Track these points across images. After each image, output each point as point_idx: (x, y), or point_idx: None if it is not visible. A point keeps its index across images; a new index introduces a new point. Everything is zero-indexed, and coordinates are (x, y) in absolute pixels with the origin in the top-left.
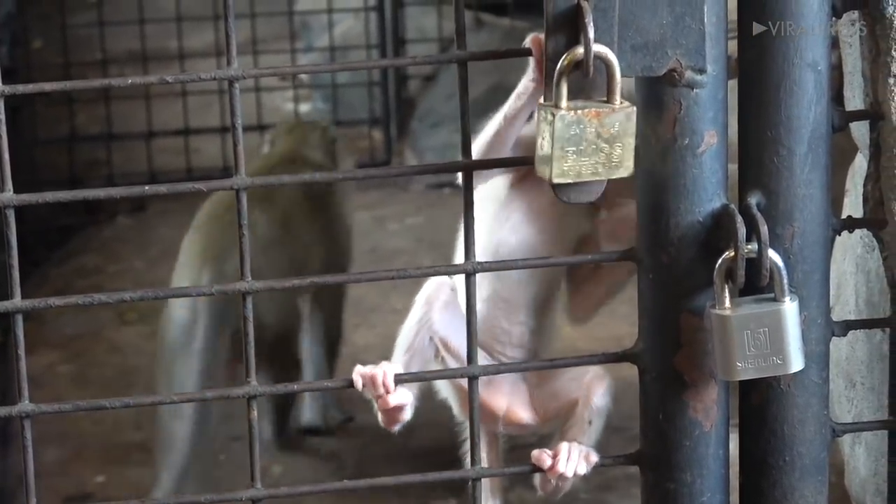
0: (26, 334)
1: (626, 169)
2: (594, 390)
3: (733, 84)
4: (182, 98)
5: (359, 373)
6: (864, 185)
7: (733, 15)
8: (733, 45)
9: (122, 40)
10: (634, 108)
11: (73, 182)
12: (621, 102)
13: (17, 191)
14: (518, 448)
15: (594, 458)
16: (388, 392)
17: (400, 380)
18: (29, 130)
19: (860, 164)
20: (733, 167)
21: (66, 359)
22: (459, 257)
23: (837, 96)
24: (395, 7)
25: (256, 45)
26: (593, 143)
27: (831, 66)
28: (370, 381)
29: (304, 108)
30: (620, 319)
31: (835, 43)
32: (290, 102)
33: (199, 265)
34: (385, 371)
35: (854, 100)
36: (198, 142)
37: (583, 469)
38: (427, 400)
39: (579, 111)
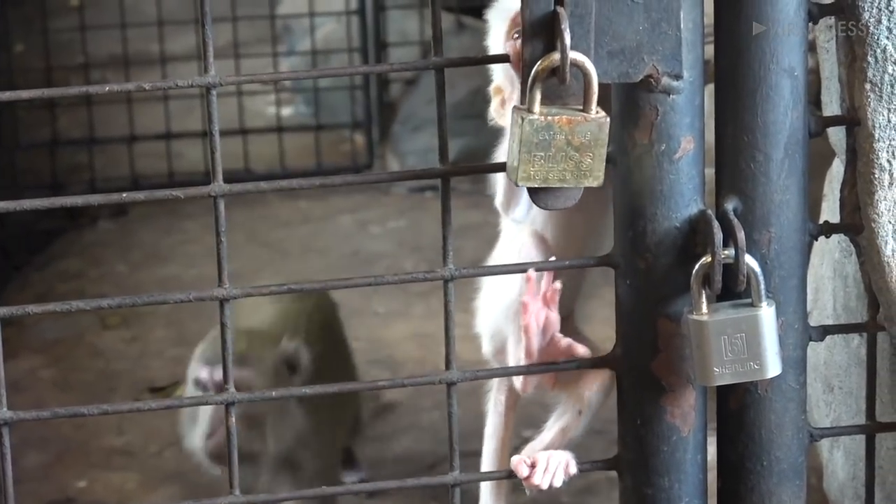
0: (7, 339)
1: (595, 178)
2: (589, 383)
3: (710, 89)
4: (164, 102)
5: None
6: (841, 191)
7: (710, 19)
8: (710, 50)
9: (104, 44)
10: (608, 119)
11: (55, 186)
12: (597, 111)
13: None
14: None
15: (572, 468)
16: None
17: None
18: (10, 135)
19: (837, 169)
20: (710, 172)
21: (47, 363)
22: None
23: (815, 101)
24: (376, 11)
25: (238, 49)
26: (562, 149)
27: (808, 71)
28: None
29: (287, 111)
30: (602, 323)
31: (812, 48)
32: (273, 106)
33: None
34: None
35: (831, 105)
36: (180, 146)
37: (559, 481)
38: (411, 405)
39: (550, 117)
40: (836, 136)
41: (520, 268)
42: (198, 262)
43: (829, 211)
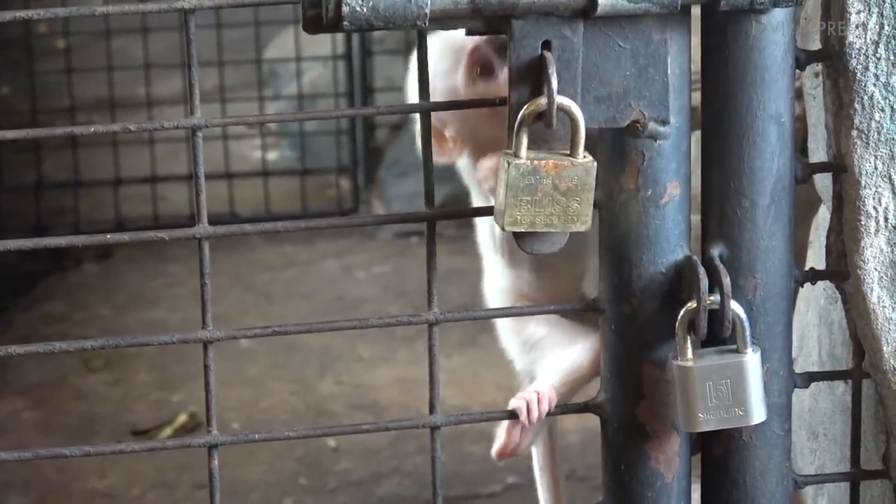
0: None
1: (582, 223)
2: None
3: (697, 136)
4: (150, 146)
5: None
6: (827, 237)
7: (697, 66)
8: (697, 97)
9: (90, 87)
10: (595, 164)
11: (40, 229)
12: (584, 156)
13: None
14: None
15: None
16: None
17: None
18: None
19: (823, 215)
20: (696, 218)
21: (30, 405)
22: None
23: (801, 148)
24: (363, 56)
25: (224, 93)
26: (549, 194)
27: (795, 117)
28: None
29: (272, 156)
30: None
31: (799, 94)
32: (258, 150)
33: None
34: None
35: (818, 151)
36: (165, 189)
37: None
38: (396, 448)
39: (537, 161)
40: (823, 182)
41: (506, 312)
42: (183, 306)
43: (815, 257)
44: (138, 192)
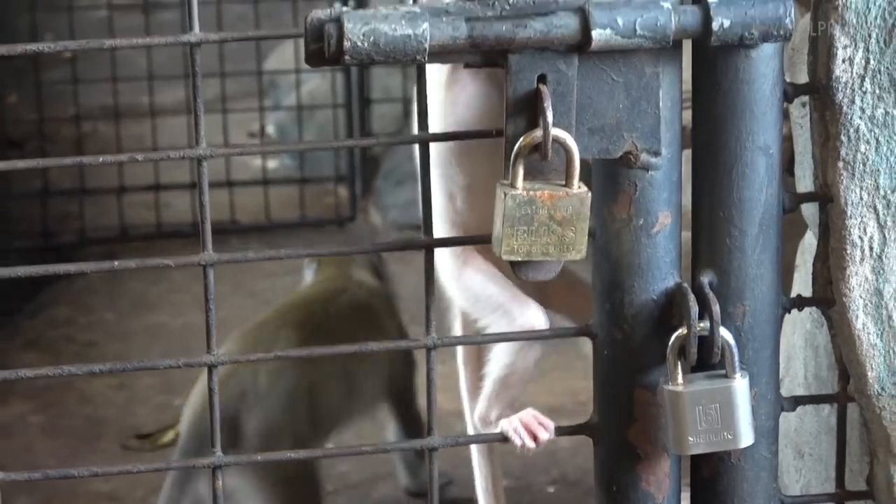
0: None
1: (578, 252)
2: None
3: (687, 154)
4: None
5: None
6: (814, 265)
7: (688, 85)
8: (687, 115)
9: (95, 96)
10: (589, 194)
11: (46, 235)
12: (578, 186)
13: None
14: None
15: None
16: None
17: None
18: (2, 184)
19: (810, 241)
20: (686, 235)
21: (36, 409)
22: None
23: (789, 167)
24: (360, 67)
25: (226, 103)
26: (545, 223)
27: (783, 145)
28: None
29: (272, 164)
30: (577, 373)
31: (785, 114)
32: (258, 159)
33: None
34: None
35: (804, 179)
36: (168, 197)
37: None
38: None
39: (533, 192)
40: (809, 209)
41: (501, 337)
42: (185, 311)
43: (802, 281)
44: (142, 200)
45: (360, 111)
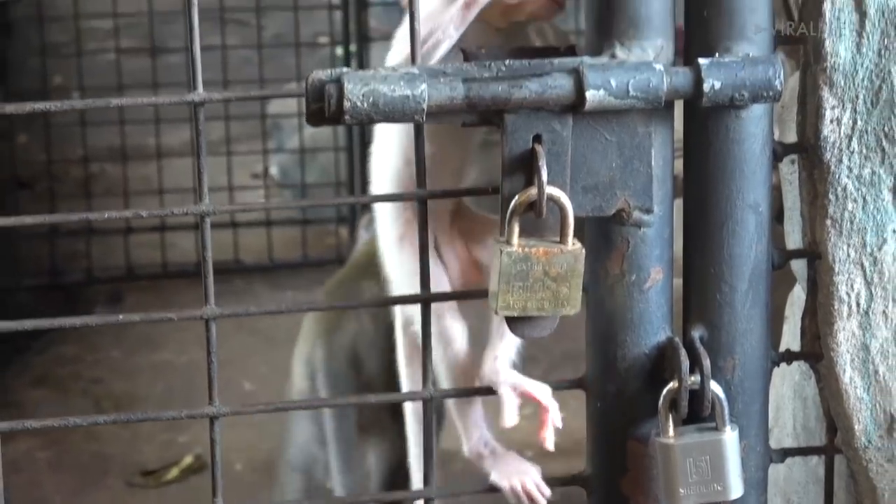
0: (6, 420)
1: (572, 307)
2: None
3: (678, 203)
4: (159, 196)
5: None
6: (802, 319)
7: (679, 134)
8: (679, 164)
9: (103, 137)
10: (583, 250)
11: (54, 273)
12: (573, 244)
13: (0, 280)
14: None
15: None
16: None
17: None
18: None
19: (798, 294)
20: (678, 281)
21: (44, 445)
22: None
23: (777, 215)
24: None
25: (230, 145)
26: (540, 280)
27: (772, 199)
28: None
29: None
30: (571, 411)
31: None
32: (262, 200)
33: (312, 339)
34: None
35: (794, 234)
36: (173, 237)
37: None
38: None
39: (528, 249)
40: (798, 265)
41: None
42: (188, 349)
43: (791, 333)
44: (148, 240)
45: (361, 155)
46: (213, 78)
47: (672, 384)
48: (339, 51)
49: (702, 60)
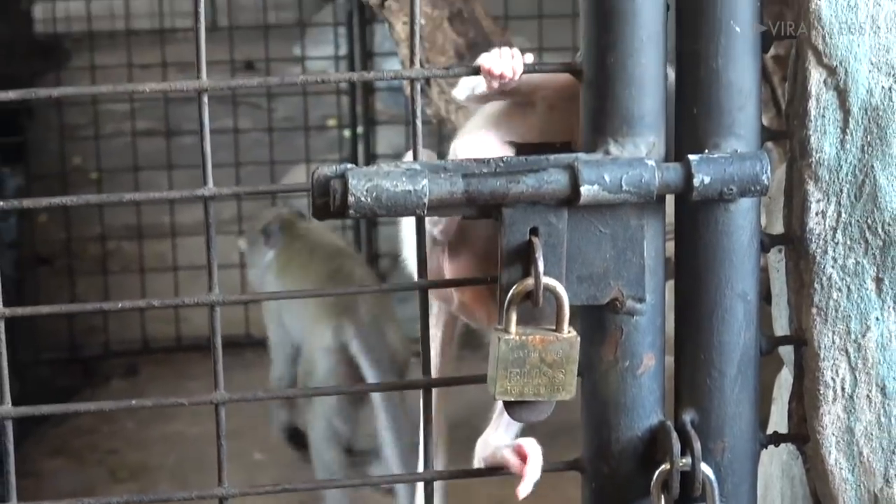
0: (24, 488)
1: (567, 392)
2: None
3: (670, 285)
4: (174, 272)
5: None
6: (789, 402)
7: (671, 217)
8: (670, 247)
9: (119, 216)
10: (578, 338)
11: (72, 347)
12: (568, 331)
13: (21, 353)
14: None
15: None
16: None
17: None
18: (32, 299)
19: (786, 377)
20: (669, 359)
21: None
22: None
23: (766, 296)
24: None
25: (241, 223)
26: (537, 366)
27: (760, 289)
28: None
29: None
30: (570, 481)
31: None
32: None
33: (335, 318)
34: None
35: (781, 319)
36: (187, 312)
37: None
38: None
39: (525, 337)
40: (786, 350)
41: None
42: (201, 420)
43: (779, 414)
44: (163, 314)
45: (367, 232)
46: (226, 159)
47: (664, 466)
48: (347, 133)
49: (692, 157)
